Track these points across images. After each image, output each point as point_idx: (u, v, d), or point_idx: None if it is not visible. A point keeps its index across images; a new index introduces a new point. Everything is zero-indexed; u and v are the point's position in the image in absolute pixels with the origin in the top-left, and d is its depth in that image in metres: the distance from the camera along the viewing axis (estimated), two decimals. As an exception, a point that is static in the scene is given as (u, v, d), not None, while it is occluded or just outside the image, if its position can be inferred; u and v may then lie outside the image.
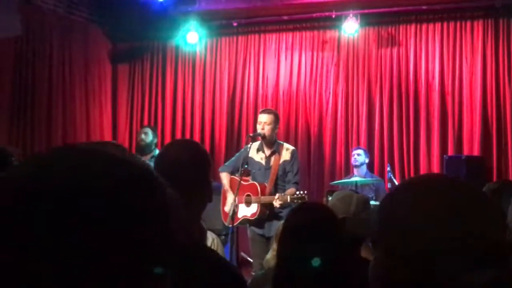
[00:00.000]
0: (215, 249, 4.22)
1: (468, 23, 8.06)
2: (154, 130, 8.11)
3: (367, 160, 7.58)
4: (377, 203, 6.87)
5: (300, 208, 2.75)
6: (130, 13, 8.78)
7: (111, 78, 9.52)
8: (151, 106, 9.49)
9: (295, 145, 7.99)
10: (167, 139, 9.07)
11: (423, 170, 8.03)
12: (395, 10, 8.17)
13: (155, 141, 7.96)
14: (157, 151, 7.46)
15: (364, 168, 7.56)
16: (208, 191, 2.46)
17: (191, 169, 2.42)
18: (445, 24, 8.16)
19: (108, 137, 9.20)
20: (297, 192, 5.73)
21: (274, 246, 3.86)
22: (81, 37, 8.88)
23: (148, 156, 7.57)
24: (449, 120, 8.02)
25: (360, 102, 8.45)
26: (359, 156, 7.51)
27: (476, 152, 7.80)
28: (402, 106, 8.24)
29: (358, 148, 7.76)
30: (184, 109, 9.32)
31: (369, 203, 3.22)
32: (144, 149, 7.77)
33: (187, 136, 9.22)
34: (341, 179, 7.80)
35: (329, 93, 8.60)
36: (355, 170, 7.60)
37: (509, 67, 7.81)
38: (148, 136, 7.81)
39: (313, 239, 2.39)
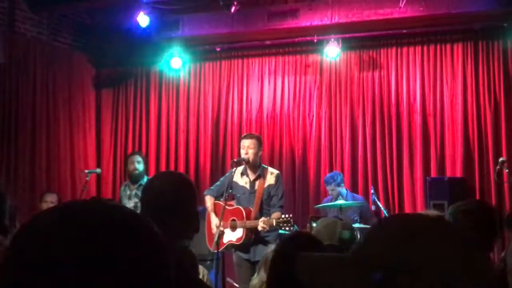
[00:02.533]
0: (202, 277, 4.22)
1: (448, 46, 8.18)
2: (145, 158, 7.84)
3: (341, 186, 7.45)
4: (361, 225, 6.91)
5: (290, 237, 2.79)
6: (113, 39, 8.83)
7: (95, 104, 9.52)
8: (135, 131, 9.51)
9: (280, 168, 8.03)
10: (152, 164, 9.08)
11: (406, 192, 8.09)
12: (375, 34, 8.28)
13: (146, 168, 7.72)
14: (145, 179, 7.22)
15: (343, 191, 7.49)
16: (194, 222, 2.48)
17: (175, 201, 2.44)
18: (425, 47, 8.28)
19: (92, 163, 9.18)
20: (283, 216, 5.74)
21: (262, 273, 3.87)
22: (64, 63, 8.90)
23: (136, 185, 7.37)
24: (431, 142, 8.10)
25: (343, 124, 8.52)
26: (333, 191, 7.39)
27: (458, 173, 7.87)
28: (384, 128, 8.32)
29: (328, 183, 7.48)
30: (169, 134, 9.34)
31: (354, 229, 3.25)
32: (137, 178, 7.42)
33: (172, 160, 9.23)
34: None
35: (313, 116, 8.67)
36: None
37: (489, 89, 7.92)
38: (141, 164, 7.51)
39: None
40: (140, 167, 7.47)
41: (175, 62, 8.82)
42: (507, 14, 7.51)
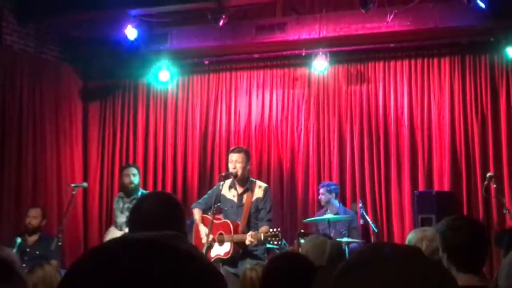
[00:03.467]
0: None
1: (436, 60, 8.22)
2: (139, 170, 7.58)
3: (332, 196, 7.54)
4: (350, 239, 6.90)
5: (281, 256, 2.77)
6: (101, 52, 8.79)
7: (82, 116, 9.45)
8: (122, 144, 9.44)
9: (268, 181, 8.01)
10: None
11: (394, 206, 8.08)
12: (363, 48, 8.30)
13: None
14: (139, 193, 7.01)
15: (335, 203, 7.54)
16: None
17: (162, 223, 2.42)
18: (412, 61, 8.31)
19: (79, 176, 9.10)
20: (271, 230, 5.71)
21: None
22: (52, 76, 8.85)
23: (130, 198, 7.16)
24: (419, 155, 8.11)
25: (331, 138, 8.52)
26: (322, 195, 7.52)
27: (446, 187, 7.88)
28: (372, 142, 8.32)
29: (321, 186, 7.74)
30: (156, 147, 9.29)
31: (343, 249, 3.23)
32: (132, 192, 7.20)
33: (160, 174, 9.17)
34: (314, 214, 7.81)
35: (301, 129, 8.67)
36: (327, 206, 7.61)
37: (476, 102, 7.96)
38: (136, 177, 7.26)
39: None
40: (136, 180, 7.26)
41: (163, 75, 8.80)
42: (494, 29, 7.56)
